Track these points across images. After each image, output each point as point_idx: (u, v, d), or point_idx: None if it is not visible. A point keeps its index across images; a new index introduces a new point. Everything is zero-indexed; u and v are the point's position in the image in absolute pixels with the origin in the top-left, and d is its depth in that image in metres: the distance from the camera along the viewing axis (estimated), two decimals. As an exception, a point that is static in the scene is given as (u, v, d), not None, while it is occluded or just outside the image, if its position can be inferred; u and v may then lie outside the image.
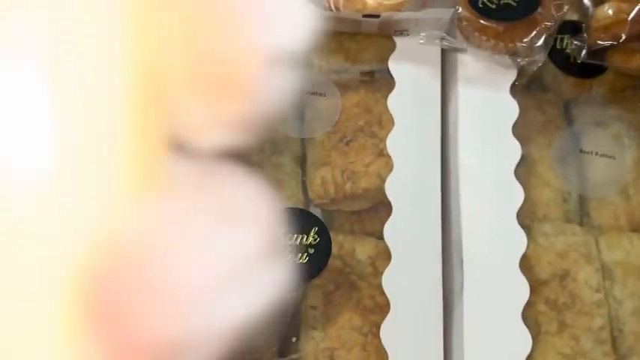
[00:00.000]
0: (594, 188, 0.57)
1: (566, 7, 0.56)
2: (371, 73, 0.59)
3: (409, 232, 0.52)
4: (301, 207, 0.55)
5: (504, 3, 0.55)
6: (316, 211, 0.57)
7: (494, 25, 0.55)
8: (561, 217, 0.56)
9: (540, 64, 0.55)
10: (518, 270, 0.51)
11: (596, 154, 0.57)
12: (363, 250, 0.54)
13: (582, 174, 0.57)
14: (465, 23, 0.55)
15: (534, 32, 0.55)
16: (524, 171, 0.56)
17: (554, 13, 0.55)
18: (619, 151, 0.57)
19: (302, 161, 0.57)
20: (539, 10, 0.55)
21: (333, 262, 0.54)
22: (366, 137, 0.56)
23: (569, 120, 0.59)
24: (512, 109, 0.56)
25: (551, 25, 0.55)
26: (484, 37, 0.55)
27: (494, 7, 0.55)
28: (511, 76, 0.57)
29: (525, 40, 0.54)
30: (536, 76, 0.59)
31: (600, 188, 0.57)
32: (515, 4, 0.55)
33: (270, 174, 0.56)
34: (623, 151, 0.57)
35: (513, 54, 0.55)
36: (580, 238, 0.54)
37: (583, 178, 0.57)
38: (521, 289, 0.51)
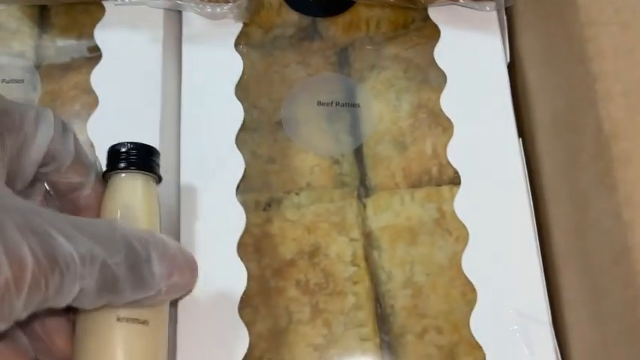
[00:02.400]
0: (369, 143, 0.48)
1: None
2: (97, 48, 0.51)
3: None
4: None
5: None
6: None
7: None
8: (331, 183, 0.44)
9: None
10: (236, 255, 0.41)
11: (367, 103, 0.48)
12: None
13: (357, 128, 0.49)
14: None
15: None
16: (283, 136, 0.48)
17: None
18: (394, 95, 0.48)
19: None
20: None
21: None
22: (81, 123, 0.48)
23: (345, 69, 0.50)
24: (236, 66, 0.47)
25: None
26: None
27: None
28: (235, 30, 0.48)
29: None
30: (303, 25, 0.51)
31: (375, 142, 0.48)
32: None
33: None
34: (400, 96, 0.48)
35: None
36: (333, 205, 0.43)
37: (358, 133, 0.49)
38: (239, 278, 0.40)
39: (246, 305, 0.41)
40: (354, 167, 0.46)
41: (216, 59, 0.46)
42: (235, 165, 0.43)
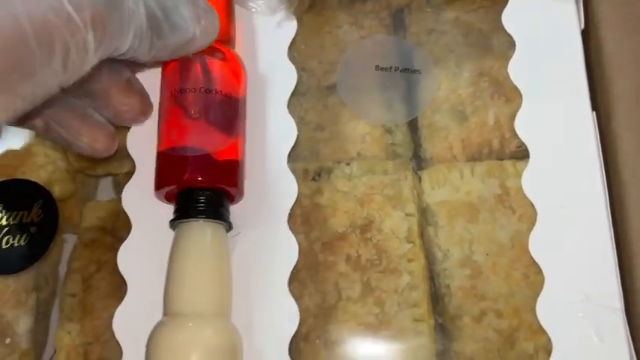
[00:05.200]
0: (425, 112, 0.45)
1: None
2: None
3: (149, 195, 0.38)
4: (62, 175, 0.45)
5: None
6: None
7: None
8: (384, 152, 0.42)
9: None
10: (286, 226, 0.38)
11: (426, 69, 0.45)
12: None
13: (411, 96, 0.46)
14: None
15: None
16: (334, 102, 0.45)
17: None
18: (454, 62, 0.45)
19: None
20: None
21: (100, 238, 0.44)
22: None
23: (400, 32, 0.47)
24: (289, 27, 0.43)
25: None
26: None
27: None
28: None
29: None
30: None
31: (432, 111, 0.45)
32: None
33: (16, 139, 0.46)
34: (460, 63, 0.45)
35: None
36: (387, 178, 0.40)
37: (413, 101, 0.46)
38: (291, 251, 0.37)
39: (294, 279, 0.39)
40: (408, 137, 0.43)
41: (267, 19, 0.43)
42: (287, 131, 0.40)
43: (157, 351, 0.34)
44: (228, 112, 0.37)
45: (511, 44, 0.42)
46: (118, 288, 0.40)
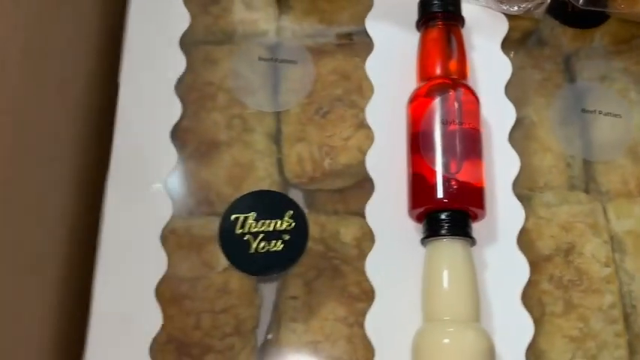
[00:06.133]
0: (600, 150, 0.50)
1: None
2: (349, 36, 0.53)
3: (393, 210, 0.45)
4: (276, 188, 0.50)
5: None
6: (296, 192, 0.53)
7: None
8: (565, 184, 0.48)
9: (539, 14, 0.49)
10: (516, 247, 0.44)
11: (601, 112, 0.51)
12: (348, 231, 0.46)
13: (586, 135, 0.51)
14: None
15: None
16: (522, 135, 0.50)
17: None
18: (626, 107, 0.51)
19: (277, 138, 0.52)
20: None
21: (314, 247, 0.49)
22: (344, 107, 0.49)
23: (570, 76, 0.53)
24: (504, 67, 0.51)
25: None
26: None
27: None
28: (502, 30, 0.52)
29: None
30: (531, 29, 0.53)
31: (607, 150, 0.50)
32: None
33: (240, 154, 0.51)
34: (631, 108, 0.51)
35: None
36: (586, 207, 0.46)
37: (587, 139, 0.51)
38: (521, 269, 0.44)
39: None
40: (583, 171, 0.49)
41: (483, 59, 0.49)
42: (511, 161, 0.46)
43: (423, 353, 0.39)
44: (473, 142, 0.43)
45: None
46: (341, 293, 0.45)
